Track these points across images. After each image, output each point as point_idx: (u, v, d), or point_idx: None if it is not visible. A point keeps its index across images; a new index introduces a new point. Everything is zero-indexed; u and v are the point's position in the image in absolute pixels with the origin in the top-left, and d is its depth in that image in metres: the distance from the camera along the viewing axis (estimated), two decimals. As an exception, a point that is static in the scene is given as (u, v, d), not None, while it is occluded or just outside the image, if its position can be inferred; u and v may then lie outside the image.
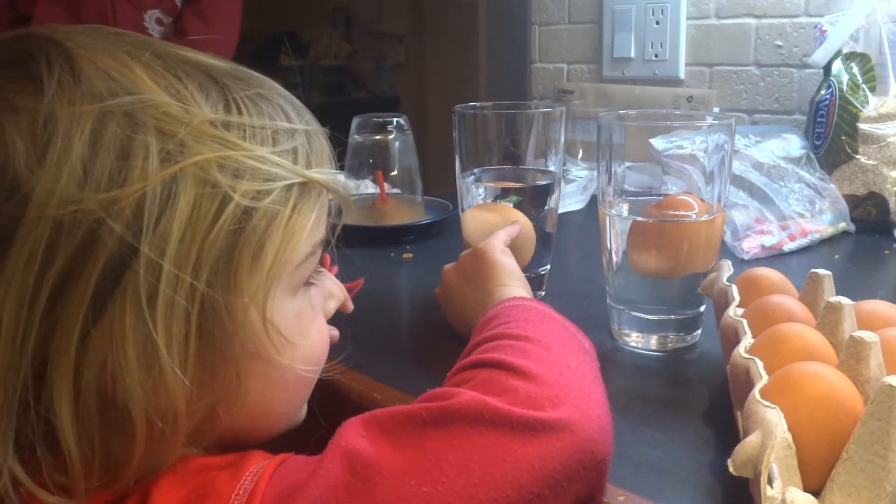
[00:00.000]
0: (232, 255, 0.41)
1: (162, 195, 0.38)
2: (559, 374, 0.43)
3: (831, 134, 1.04)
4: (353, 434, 0.40)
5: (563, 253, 0.77)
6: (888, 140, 1.00)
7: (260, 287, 0.42)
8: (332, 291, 0.57)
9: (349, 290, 0.66)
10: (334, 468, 0.38)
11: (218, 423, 0.43)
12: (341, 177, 0.48)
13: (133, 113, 0.39)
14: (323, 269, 0.54)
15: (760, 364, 0.47)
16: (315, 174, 0.45)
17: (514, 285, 0.61)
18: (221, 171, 0.40)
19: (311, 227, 0.45)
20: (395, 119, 1.09)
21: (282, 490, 0.38)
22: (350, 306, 0.66)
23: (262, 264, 0.42)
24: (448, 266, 0.69)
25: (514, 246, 0.69)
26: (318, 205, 0.45)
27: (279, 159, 0.43)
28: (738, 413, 0.50)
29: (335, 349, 0.58)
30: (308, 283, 0.48)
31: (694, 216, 0.63)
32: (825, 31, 1.09)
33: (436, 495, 0.37)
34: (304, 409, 0.53)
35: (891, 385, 0.39)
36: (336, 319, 0.76)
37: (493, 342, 0.47)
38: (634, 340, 0.67)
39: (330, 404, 0.53)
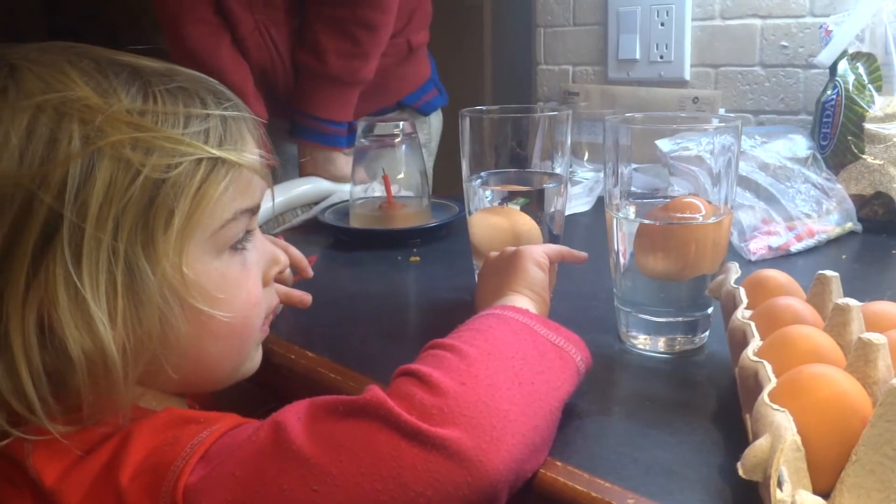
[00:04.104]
0: (147, 218, 0.48)
1: (82, 171, 0.47)
2: (461, 384, 0.46)
3: (837, 134, 1.04)
4: (292, 413, 0.47)
5: (570, 255, 0.78)
6: (894, 140, 1.00)
7: (172, 246, 0.49)
8: (276, 258, 0.63)
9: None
10: (265, 436, 0.46)
11: (162, 365, 0.51)
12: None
13: (60, 107, 0.47)
14: (273, 240, 0.64)
15: (769, 367, 0.47)
16: (221, 151, 0.52)
17: (524, 294, 0.62)
18: (134, 150, 0.48)
19: (219, 197, 0.52)
20: (401, 122, 1.10)
21: (225, 447, 0.46)
22: (310, 272, 0.78)
23: (173, 226, 0.49)
24: (494, 252, 0.70)
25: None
26: (228, 177, 0.52)
27: (186, 139, 0.50)
28: (747, 416, 0.50)
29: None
30: (238, 248, 0.55)
31: (701, 218, 0.63)
32: (831, 31, 1.09)
33: (329, 476, 0.43)
34: (253, 361, 0.61)
35: (899, 387, 0.39)
36: (345, 320, 0.77)
37: (427, 350, 0.51)
38: (642, 343, 0.67)
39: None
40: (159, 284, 0.49)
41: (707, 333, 0.67)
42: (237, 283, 0.55)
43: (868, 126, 1.01)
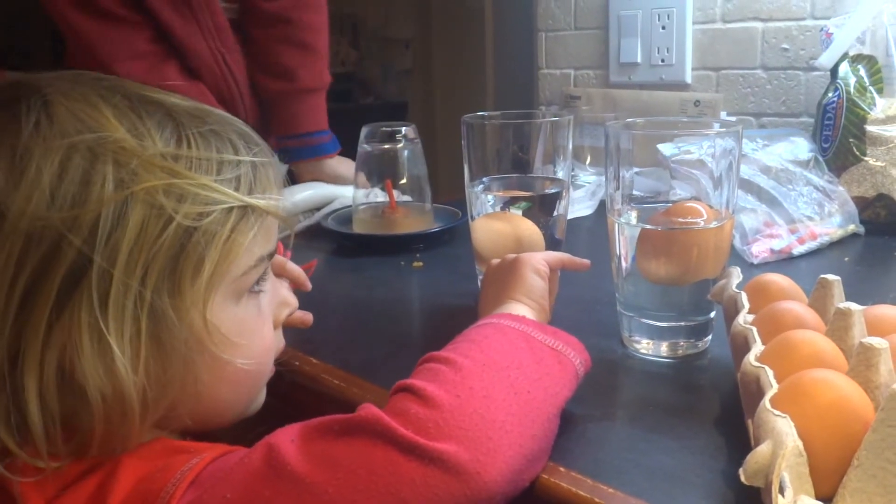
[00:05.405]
0: (176, 266, 0.48)
1: (114, 215, 0.46)
2: (455, 396, 0.46)
3: (839, 136, 1.04)
4: (284, 435, 0.47)
5: (572, 259, 0.78)
6: (896, 142, 1.00)
7: (200, 294, 0.49)
8: (287, 300, 0.63)
9: (305, 271, 0.75)
10: (257, 459, 0.45)
11: (178, 410, 0.50)
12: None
13: (95, 147, 0.46)
14: (279, 279, 0.63)
15: (770, 373, 0.47)
16: (253, 199, 0.52)
17: (522, 302, 0.62)
18: (167, 196, 0.47)
19: (248, 245, 0.51)
20: (403, 128, 1.10)
21: (216, 471, 0.46)
22: (308, 285, 0.74)
23: (202, 275, 0.49)
24: (496, 260, 0.70)
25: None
26: (257, 225, 0.52)
27: (220, 186, 0.50)
28: (749, 421, 0.50)
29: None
30: (255, 292, 0.55)
31: (703, 223, 0.63)
32: (831, 33, 1.09)
33: (326, 495, 0.43)
34: (259, 400, 0.60)
35: (901, 392, 0.39)
36: (349, 326, 0.77)
37: (423, 364, 0.51)
38: (645, 347, 0.67)
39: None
40: (184, 332, 0.48)
41: (710, 338, 0.67)
42: (253, 328, 0.55)
43: (869, 128, 1.02)
